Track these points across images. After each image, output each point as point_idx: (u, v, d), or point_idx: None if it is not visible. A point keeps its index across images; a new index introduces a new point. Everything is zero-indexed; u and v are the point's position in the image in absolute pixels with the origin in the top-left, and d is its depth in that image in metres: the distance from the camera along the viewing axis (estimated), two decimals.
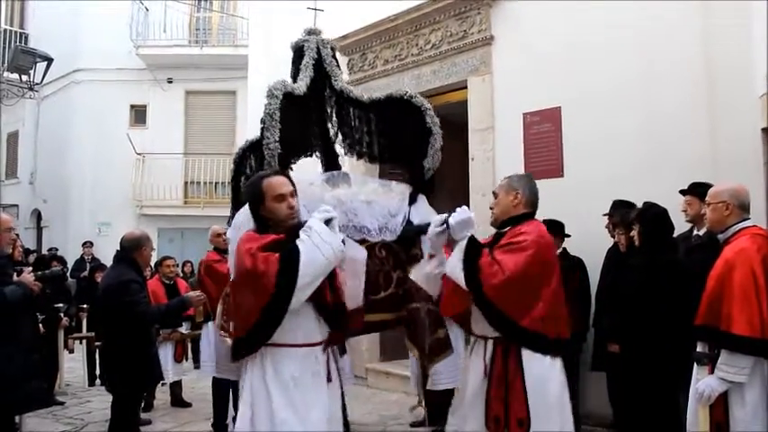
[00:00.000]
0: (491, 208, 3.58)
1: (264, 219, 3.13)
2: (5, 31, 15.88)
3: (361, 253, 3.15)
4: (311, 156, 4.76)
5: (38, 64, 12.98)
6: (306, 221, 3.10)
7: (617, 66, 6.01)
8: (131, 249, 5.01)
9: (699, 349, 3.45)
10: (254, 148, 4.53)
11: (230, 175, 4.78)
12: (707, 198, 3.66)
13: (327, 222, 3.04)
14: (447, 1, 7.23)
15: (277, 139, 3.95)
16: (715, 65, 5.44)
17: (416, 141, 4.32)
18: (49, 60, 12.89)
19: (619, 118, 5.96)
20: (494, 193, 3.61)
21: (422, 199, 4.19)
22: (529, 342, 3.20)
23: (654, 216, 4.54)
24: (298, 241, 2.97)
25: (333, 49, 4.73)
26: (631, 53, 5.93)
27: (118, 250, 5.14)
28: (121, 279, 4.78)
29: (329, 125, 4.72)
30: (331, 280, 3.12)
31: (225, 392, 5.95)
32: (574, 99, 6.31)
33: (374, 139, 4.57)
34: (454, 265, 3.24)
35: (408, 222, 3.93)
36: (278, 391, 2.96)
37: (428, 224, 3.52)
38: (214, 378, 6.09)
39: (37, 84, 13.80)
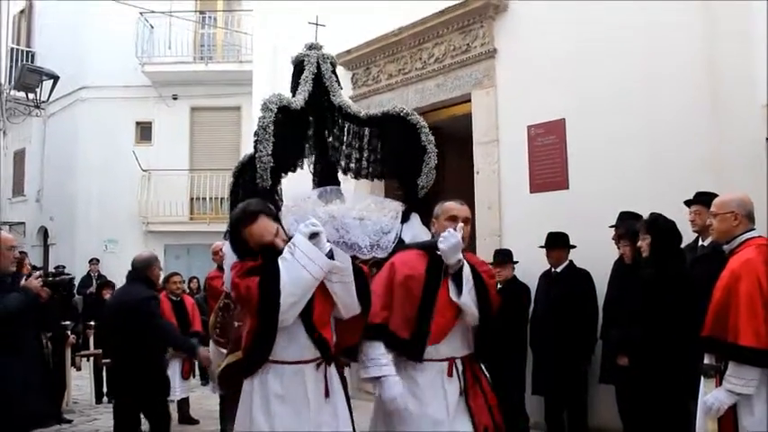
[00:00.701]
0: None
1: (243, 245, 3.15)
2: (12, 49, 16.01)
3: (347, 261, 3.12)
4: (302, 168, 4.73)
5: (44, 82, 13.08)
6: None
7: (620, 75, 6.02)
8: (143, 269, 5.28)
9: (706, 361, 3.43)
10: (253, 162, 4.52)
11: (229, 188, 4.79)
12: (713, 208, 3.64)
13: (314, 236, 3.01)
14: (450, 15, 7.26)
15: (270, 152, 3.95)
16: (718, 72, 5.45)
17: (411, 159, 4.31)
18: (56, 78, 13.00)
19: (623, 128, 5.97)
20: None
21: (415, 217, 4.15)
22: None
23: (663, 227, 4.53)
24: (280, 259, 2.96)
25: (333, 65, 4.72)
26: (634, 62, 5.94)
27: (130, 270, 5.37)
28: (142, 296, 5.05)
29: (329, 140, 4.71)
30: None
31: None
32: (577, 110, 6.32)
33: (365, 156, 4.56)
34: None
35: (400, 240, 3.90)
36: (259, 406, 2.99)
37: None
38: (221, 395, 6.09)
39: (43, 102, 13.91)
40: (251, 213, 3.14)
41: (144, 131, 16.48)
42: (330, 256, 3.04)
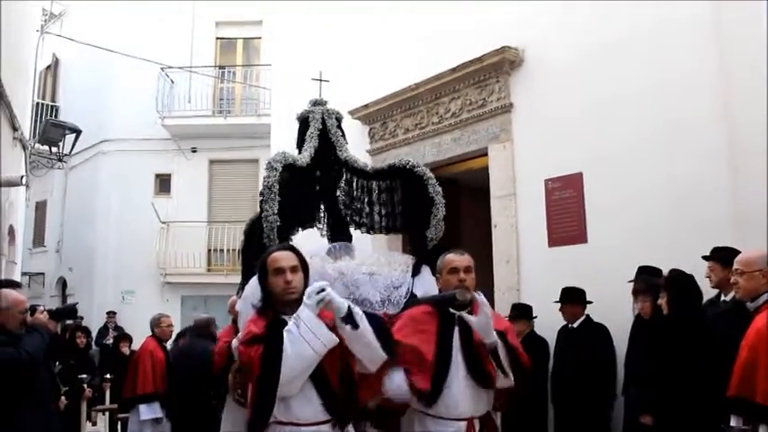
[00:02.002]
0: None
1: (268, 293, 3.15)
2: (38, 104, 16.36)
3: (363, 320, 3.08)
4: (312, 227, 4.73)
5: (67, 136, 13.30)
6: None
7: (636, 129, 6.02)
8: (206, 327, 6.69)
9: (733, 423, 3.35)
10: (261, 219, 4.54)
11: (240, 245, 4.79)
12: (738, 266, 3.60)
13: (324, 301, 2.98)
14: (466, 70, 7.35)
15: (275, 211, 3.95)
16: (735, 124, 5.43)
17: (419, 211, 4.29)
18: (78, 132, 13.20)
19: (640, 181, 5.95)
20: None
21: (425, 270, 4.10)
22: None
23: (682, 283, 4.48)
24: (285, 331, 2.94)
25: (338, 119, 4.74)
26: (650, 115, 5.94)
27: (192, 327, 7.05)
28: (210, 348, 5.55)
29: (338, 194, 4.69)
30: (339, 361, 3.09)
31: None
32: (594, 164, 6.32)
33: (376, 210, 4.54)
34: None
35: (412, 295, 3.87)
36: None
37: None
38: None
39: (66, 155, 14.13)
40: (282, 245, 3.27)
41: (163, 183, 16.67)
42: (350, 314, 3.00)
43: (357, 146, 7.76)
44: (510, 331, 3.56)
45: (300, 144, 4.62)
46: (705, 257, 4.76)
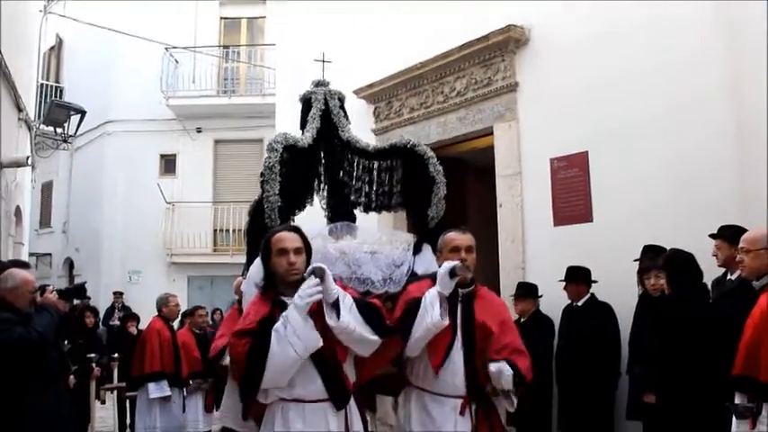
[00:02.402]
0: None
1: (271, 273, 3.18)
2: (42, 85, 16.35)
3: (346, 319, 3.12)
4: (311, 205, 4.72)
5: (71, 117, 13.31)
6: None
7: (642, 107, 6.00)
8: None
9: (737, 401, 3.35)
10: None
11: (245, 227, 4.79)
12: (744, 244, 3.58)
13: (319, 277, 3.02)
14: (471, 49, 7.31)
15: (277, 192, 3.96)
16: (743, 103, 5.40)
17: (420, 190, 4.30)
18: (83, 113, 13.21)
19: (646, 160, 5.93)
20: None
21: (426, 248, 4.11)
22: None
23: (680, 263, 4.49)
24: (273, 330, 2.96)
25: (341, 100, 4.73)
26: (656, 93, 5.91)
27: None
28: None
29: (340, 174, 4.69)
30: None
31: None
32: (600, 143, 6.30)
33: (374, 189, 4.55)
34: None
35: (413, 273, 3.88)
36: None
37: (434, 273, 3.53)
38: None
39: (71, 136, 14.14)
40: (287, 226, 3.29)
41: (168, 164, 16.69)
42: (336, 302, 3.04)
43: (362, 125, 7.75)
44: (510, 330, 3.55)
45: (303, 125, 4.62)
46: (712, 235, 4.76)
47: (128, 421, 8.71)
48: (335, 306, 3.06)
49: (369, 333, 3.11)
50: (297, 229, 3.28)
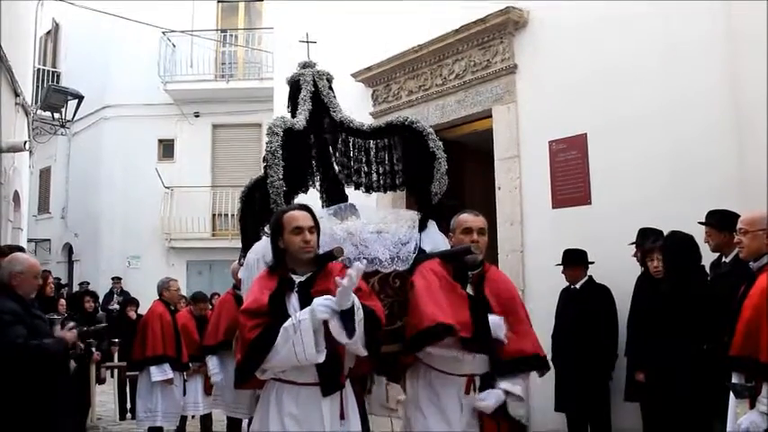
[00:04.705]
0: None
1: (281, 252, 3.18)
2: (39, 70, 16.28)
3: (359, 330, 3.08)
4: (308, 190, 4.67)
5: (69, 102, 13.24)
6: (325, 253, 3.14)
7: (642, 91, 5.97)
8: None
9: (734, 380, 3.37)
10: (259, 185, 4.49)
11: (237, 214, 4.76)
12: (743, 225, 3.59)
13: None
14: (470, 31, 7.26)
15: (281, 176, 3.93)
16: (742, 89, 5.38)
17: (421, 167, 4.25)
18: (80, 98, 13.15)
19: (645, 143, 5.92)
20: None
21: (432, 224, 4.10)
22: None
23: (677, 244, 4.49)
24: (283, 328, 2.93)
25: (329, 80, 4.68)
26: (657, 78, 5.89)
27: None
28: None
29: (334, 156, 4.65)
30: None
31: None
32: (599, 126, 6.28)
33: (374, 169, 4.52)
34: None
35: (420, 250, 3.88)
36: (275, 423, 3.03)
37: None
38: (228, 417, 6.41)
39: (68, 121, 14.09)
40: (297, 205, 3.27)
41: (166, 149, 16.67)
42: (351, 310, 2.95)
43: (360, 108, 7.72)
44: (516, 309, 3.54)
45: (294, 108, 4.57)
46: (701, 223, 4.76)
47: (128, 405, 8.76)
48: (349, 317, 2.96)
49: (362, 347, 3.09)
50: (307, 208, 3.28)
